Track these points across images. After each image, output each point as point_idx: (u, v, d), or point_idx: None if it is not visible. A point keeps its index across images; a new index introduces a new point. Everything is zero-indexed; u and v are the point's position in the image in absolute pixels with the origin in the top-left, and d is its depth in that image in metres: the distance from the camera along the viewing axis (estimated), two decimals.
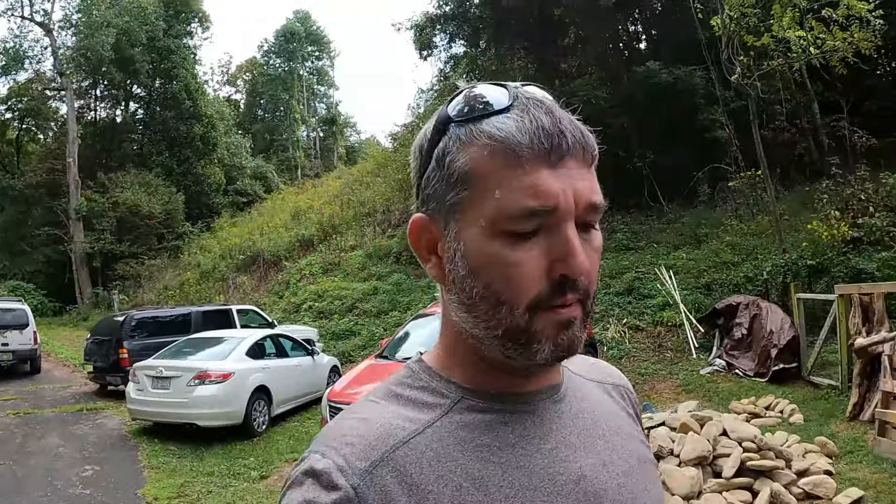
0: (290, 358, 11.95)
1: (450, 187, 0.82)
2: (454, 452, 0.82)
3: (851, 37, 12.15)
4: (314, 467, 0.79)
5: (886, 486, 5.75)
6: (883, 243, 13.65)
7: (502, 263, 0.80)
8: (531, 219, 0.78)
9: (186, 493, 7.51)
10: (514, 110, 0.80)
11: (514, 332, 0.81)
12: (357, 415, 0.87)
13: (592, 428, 0.94)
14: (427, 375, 0.90)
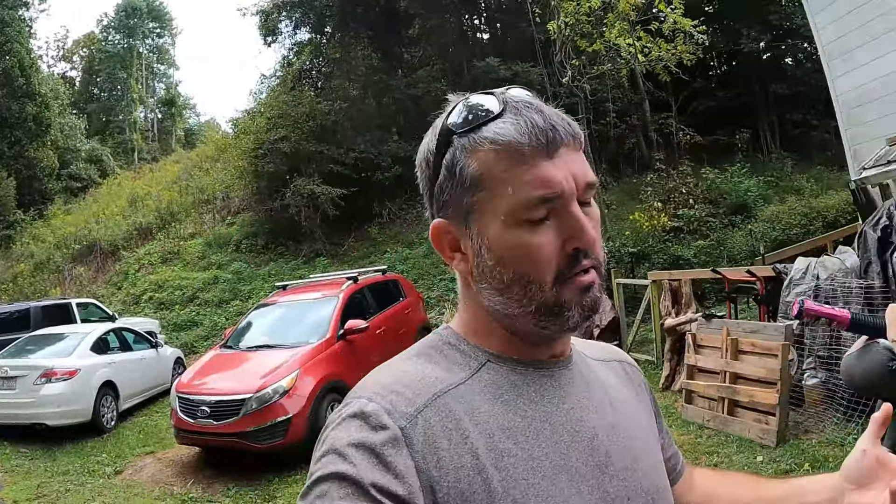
0: (134, 351, 11.86)
1: (465, 192, 0.92)
2: (486, 405, 0.91)
3: (675, 49, 13.37)
4: (363, 409, 0.86)
5: (691, 445, 6.64)
6: (700, 232, 15.11)
7: (525, 248, 0.90)
8: (542, 206, 0.89)
9: (44, 493, 7.47)
10: (508, 114, 0.90)
11: (547, 305, 0.92)
12: (396, 368, 0.96)
13: (602, 395, 1.04)
14: (456, 340, 1.00)
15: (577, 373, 1.03)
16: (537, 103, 0.93)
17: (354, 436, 0.83)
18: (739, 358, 6.67)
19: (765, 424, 6.26)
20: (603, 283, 0.97)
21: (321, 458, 0.84)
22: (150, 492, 7.58)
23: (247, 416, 7.59)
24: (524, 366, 0.97)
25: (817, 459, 5.60)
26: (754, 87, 22.72)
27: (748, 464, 5.86)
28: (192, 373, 9.07)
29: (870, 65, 10.53)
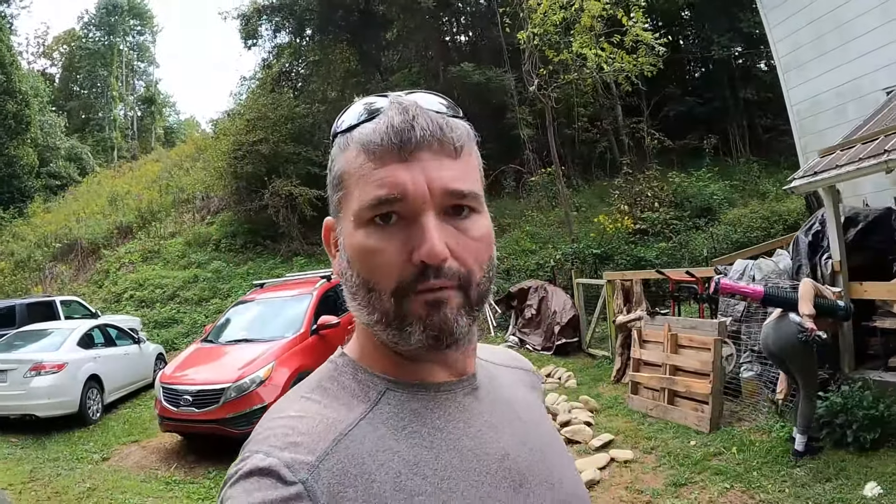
0: (118, 347, 12.20)
1: (334, 189, 0.91)
2: (389, 441, 0.86)
3: (636, 60, 13.94)
4: (259, 466, 0.80)
5: (633, 431, 7.25)
6: (663, 235, 15.55)
7: (365, 251, 0.86)
8: (381, 207, 0.84)
9: (37, 477, 7.85)
10: (379, 116, 0.88)
11: (387, 316, 0.87)
12: (293, 412, 0.88)
13: (509, 411, 1.00)
14: (352, 369, 0.94)
15: (483, 389, 0.99)
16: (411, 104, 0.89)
17: (254, 495, 0.77)
18: (679, 352, 7.31)
19: (700, 412, 6.87)
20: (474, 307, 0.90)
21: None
22: (135, 476, 8.05)
23: (226, 404, 8.12)
24: (425, 390, 0.93)
25: (745, 444, 6.22)
26: (726, 93, 23.41)
27: (682, 448, 6.48)
28: (175, 365, 9.52)
29: (822, 77, 11.15)
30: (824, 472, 5.40)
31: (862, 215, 7.74)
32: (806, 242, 7.39)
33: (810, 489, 5.16)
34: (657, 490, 5.64)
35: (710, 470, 5.83)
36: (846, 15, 10.40)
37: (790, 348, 5.70)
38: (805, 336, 5.47)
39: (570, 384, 9.49)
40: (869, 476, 5.13)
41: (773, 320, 5.98)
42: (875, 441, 5.56)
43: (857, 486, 5.05)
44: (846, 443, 5.68)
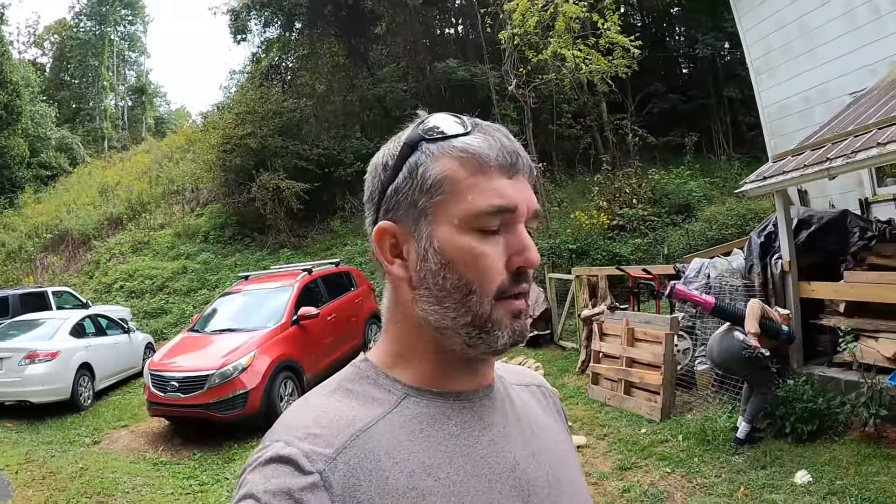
0: (108, 336, 12.67)
1: (423, 194, 0.92)
2: (406, 442, 0.89)
3: (611, 62, 14.30)
4: (280, 454, 0.83)
5: (590, 419, 7.73)
6: (640, 231, 15.82)
7: (473, 255, 0.90)
8: (497, 216, 0.90)
9: (32, 459, 8.28)
10: (477, 132, 0.94)
11: (481, 319, 0.91)
12: (314, 407, 0.92)
13: (522, 423, 1.03)
14: (374, 373, 0.97)
15: (498, 400, 1.03)
16: (505, 131, 0.97)
17: (272, 482, 0.81)
18: (635, 345, 7.77)
19: (653, 402, 7.33)
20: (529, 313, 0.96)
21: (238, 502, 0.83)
22: (125, 457, 8.53)
23: (210, 389, 8.63)
24: (444, 398, 0.96)
25: (691, 432, 6.68)
26: (710, 91, 23.75)
27: (632, 435, 6.95)
28: (163, 353, 10.04)
29: (791, 80, 11.46)
30: (761, 459, 5.84)
31: (816, 217, 8.09)
32: (758, 243, 7.80)
33: (745, 475, 5.60)
34: (604, 473, 6.11)
35: (656, 456, 6.30)
36: (814, 22, 10.70)
37: (733, 362, 6.17)
38: (749, 353, 5.94)
39: (538, 374, 9.92)
40: (802, 465, 5.55)
41: (719, 334, 6.43)
42: (812, 433, 5.98)
43: (789, 473, 5.47)
44: (785, 433, 6.10)
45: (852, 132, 6.81)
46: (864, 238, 7.77)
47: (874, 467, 5.29)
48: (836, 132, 7.29)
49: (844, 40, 10.13)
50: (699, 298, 6.65)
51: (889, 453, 5.45)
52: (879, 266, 6.86)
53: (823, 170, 6.54)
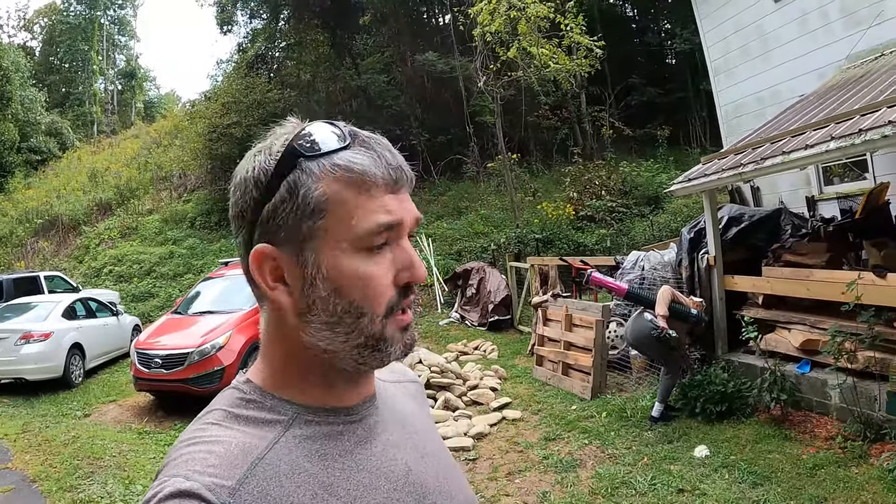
0: (98, 318, 13.45)
1: (306, 217, 0.88)
2: (304, 463, 0.89)
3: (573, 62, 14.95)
4: (180, 488, 0.79)
5: (530, 396, 8.57)
6: (605, 222, 16.51)
7: (363, 278, 0.89)
8: (384, 233, 0.90)
9: (29, 429, 9.06)
10: (357, 146, 0.91)
11: (373, 338, 0.92)
12: (207, 440, 0.88)
13: (406, 427, 1.07)
14: (259, 396, 0.95)
15: (382, 409, 1.05)
16: (386, 143, 0.95)
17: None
18: (572, 330, 8.52)
19: (585, 382, 8.13)
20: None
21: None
22: (113, 428, 9.33)
23: (190, 365, 9.52)
24: (334, 415, 0.97)
25: (614, 410, 7.50)
26: (688, 84, 24.37)
27: (563, 411, 7.79)
28: (148, 333, 10.89)
29: (746, 81, 12.07)
30: (669, 435, 6.60)
31: (747, 215, 8.76)
32: (687, 238, 8.50)
33: (652, 448, 6.38)
34: (531, 443, 6.92)
35: (578, 429, 7.11)
36: (769, 25, 11.26)
37: (644, 340, 6.93)
38: (657, 333, 6.69)
39: (493, 356, 10.80)
40: (704, 441, 6.28)
41: (633, 317, 7.18)
42: (721, 413, 6.71)
43: (691, 448, 6.20)
44: (696, 413, 6.86)
45: (770, 139, 7.42)
46: (796, 235, 8.51)
47: (770, 446, 5.98)
48: (762, 137, 7.90)
49: (796, 44, 10.70)
50: (613, 284, 7.39)
51: (787, 434, 6.15)
52: (794, 263, 7.43)
53: (737, 174, 7.26)
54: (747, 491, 5.20)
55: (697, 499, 5.19)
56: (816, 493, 4.96)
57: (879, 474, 5.02)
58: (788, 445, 5.93)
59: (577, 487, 5.72)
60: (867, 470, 5.18)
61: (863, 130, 5.68)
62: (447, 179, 22.66)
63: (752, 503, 4.99)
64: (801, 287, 6.97)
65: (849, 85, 8.19)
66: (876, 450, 5.39)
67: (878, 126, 5.54)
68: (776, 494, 5.06)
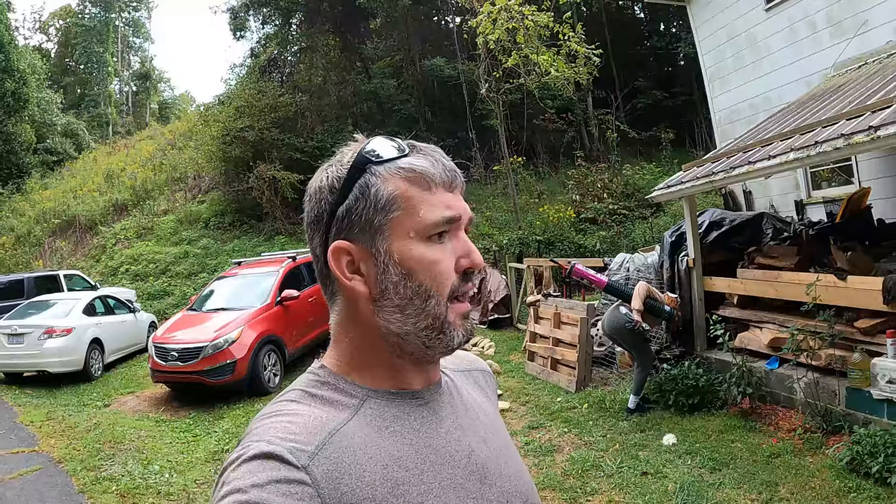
0: (116, 315, 14.11)
1: (377, 212, 1.00)
2: (376, 438, 0.97)
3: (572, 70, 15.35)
4: (264, 451, 0.87)
5: (520, 389, 9.10)
6: (606, 224, 16.87)
7: (429, 262, 1.00)
8: (446, 224, 1.01)
9: (53, 417, 9.79)
10: (416, 153, 1.04)
11: (438, 321, 1.01)
12: (287, 412, 0.96)
13: (470, 412, 1.15)
14: (333, 379, 1.04)
15: (447, 394, 1.12)
16: (441, 152, 1.06)
17: (259, 475, 0.84)
18: (560, 327, 9.05)
19: (571, 376, 8.65)
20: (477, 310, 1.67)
21: (223, 499, 0.83)
22: (131, 416, 9.99)
23: (204, 358, 10.16)
24: (401, 398, 1.04)
25: (595, 401, 8.01)
26: (693, 87, 24.65)
27: (548, 402, 8.33)
28: (165, 328, 11.60)
29: (739, 88, 12.38)
30: (643, 425, 7.10)
31: (728, 219, 9.15)
32: (669, 242, 8.98)
33: (625, 436, 6.88)
34: (515, 431, 7.46)
35: (561, 419, 7.65)
36: (759, 35, 11.59)
37: (619, 332, 7.43)
38: (631, 325, 7.21)
39: (490, 352, 11.34)
40: (674, 430, 6.76)
41: (610, 309, 7.69)
42: (693, 405, 7.19)
43: (661, 436, 6.69)
44: (669, 405, 7.34)
45: (743, 148, 7.82)
46: (777, 238, 8.90)
47: (734, 436, 6.44)
48: (737, 147, 8.27)
49: (786, 53, 11.02)
50: (594, 277, 7.87)
51: (753, 426, 6.60)
52: (765, 265, 7.83)
53: (709, 182, 7.70)
54: (705, 475, 5.68)
55: (659, 481, 5.70)
56: (768, 479, 5.41)
57: (830, 463, 5.45)
58: (752, 436, 6.38)
59: (552, 469, 6.27)
60: (821, 459, 5.60)
61: (818, 143, 6.07)
62: None
63: (708, 486, 5.46)
64: (770, 288, 7.39)
65: (826, 95, 8.48)
66: (833, 441, 5.78)
67: (832, 139, 5.94)
68: (731, 479, 5.53)
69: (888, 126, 5.40)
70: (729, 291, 8.24)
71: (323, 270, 1.06)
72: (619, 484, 5.76)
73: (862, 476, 5.10)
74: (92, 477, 7.10)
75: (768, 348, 7.27)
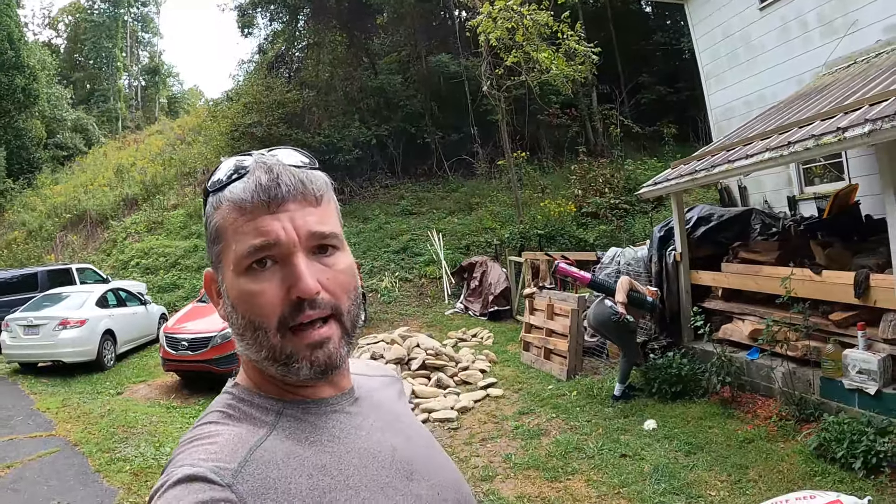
0: (128, 307, 14.56)
1: (212, 244, 1.01)
2: (297, 449, 0.96)
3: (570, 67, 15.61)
4: (188, 474, 0.86)
5: (514, 378, 9.53)
6: (607, 218, 17.09)
7: (248, 294, 0.97)
8: (257, 253, 0.96)
9: (68, 404, 10.25)
10: (253, 171, 0.99)
11: (274, 352, 0.98)
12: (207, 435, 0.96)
13: (388, 413, 1.15)
14: (248, 395, 1.03)
15: (363, 399, 1.12)
16: (276, 163, 1.00)
17: (186, 499, 0.82)
18: (553, 318, 9.42)
19: (562, 365, 9.03)
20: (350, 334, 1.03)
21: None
22: (143, 403, 10.42)
23: (213, 347, 10.62)
24: (316, 406, 1.04)
25: (583, 388, 8.44)
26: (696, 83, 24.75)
27: (540, 390, 8.74)
28: (176, 319, 12.04)
29: (734, 86, 12.57)
30: (627, 412, 7.48)
31: (717, 215, 9.45)
32: (657, 237, 9.29)
33: (610, 421, 7.26)
34: (507, 415, 7.89)
35: (549, 405, 8.06)
36: (753, 34, 11.79)
37: (605, 324, 7.80)
38: (616, 318, 7.57)
39: (488, 342, 11.77)
40: (655, 416, 7.11)
41: (595, 303, 8.04)
42: (675, 393, 7.56)
43: (642, 422, 7.06)
44: (653, 393, 7.72)
45: (726, 146, 8.13)
46: (765, 234, 9.19)
47: (712, 422, 6.78)
48: (724, 144, 8.53)
49: (779, 51, 11.21)
50: (578, 274, 8.21)
51: (732, 413, 6.94)
52: (748, 260, 8.11)
53: (691, 179, 8.02)
54: (680, 458, 6.04)
55: (636, 462, 6.08)
56: (740, 462, 5.75)
57: (800, 448, 5.78)
58: (729, 422, 6.72)
59: (537, 451, 6.67)
60: (792, 445, 5.93)
61: (791, 143, 6.39)
62: (460, 176, 23.34)
63: (682, 467, 5.82)
64: (752, 281, 7.69)
65: (813, 94, 8.69)
66: (805, 428, 6.10)
67: (804, 140, 6.24)
68: (704, 461, 5.88)
69: (854, 128, 5.68)
70: (714, 284, 8.51)
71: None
72: (599, 465, 6.14)
73: (828, 461, 5.41)
74: (107, 458, 7.56)
75: (749, 339, 7.55)
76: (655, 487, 5.46)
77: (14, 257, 24.29)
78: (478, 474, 6.25)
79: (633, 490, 5.51)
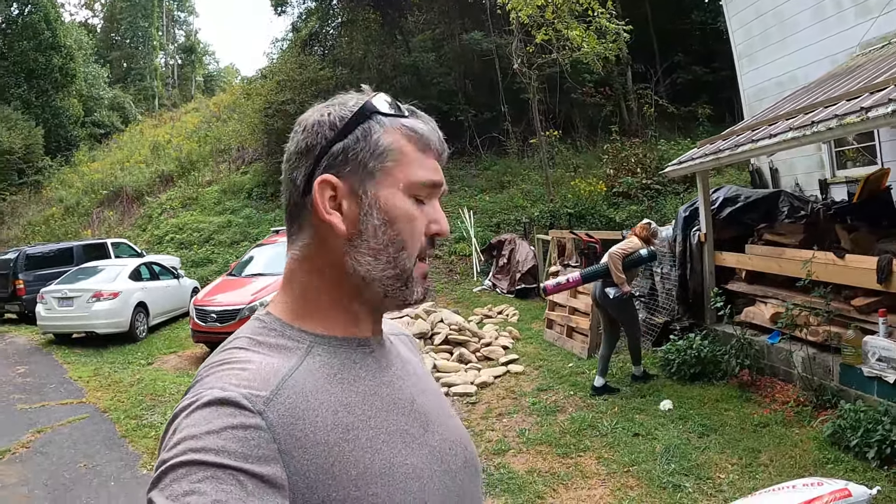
0: (161, 281, 14.89)
1: (373, 157, 1.03)
2: (325, 384, 0.98)
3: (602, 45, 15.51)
4: (219, 397, 0.86)
5: (536, 355, 9.60)
6: (637, 198, 17.05)
7: (410, 216, 1.05)
8: (430, 189, 1.08)
9: (100, 373, 10.60)
10: (416, 118, 1.10)
11: (404, 274, 1.05)
12: (238, 360, 0.95)
13: (408, 366, 1.18)
14: (280, 326, 1.04)
15: (388, 347, 1.16)
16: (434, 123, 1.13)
17: (214, 422, 0.83)
18: (576, 296, 9.45)
19: (583, 343, 9.07)
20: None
21: (176, 446, 0.82)
22: (172, 373, 10.71)
23: (241, 320, 10.64)
24: (347, 344, 1.06)
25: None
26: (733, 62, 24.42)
27: (560, 367, 8.81)
28: (206, 292, 12.32)
29: (767, 66, 12.34)
30: (645, 391, 7.51)
31: (743, 196, 9.38)
32: (682, 217, 9.23)
33: (627, 400, 7.30)
34: (525, 392, 7.98)
35: (568, 383, 8.13)
36: (786, 12, 11.55)
37: (610, 304, 7.71)
38: (624, 297, 7.52)
39: (513, 319, 11.84)
40: (672, 397, 7.13)
41: (598, 290, 7.90)
42: (694, 375, 7.56)
43: (659, 402, 7.08)
44: (672, 374, 7.75)
45: (751, 126, 8.04)
46: (793, 217, 9.10)
47: (729, 405, 6.78)
48: (751, 124, 8.43)
49: (812, 31, 10.94)
50: (569, 284, 7.96)
51: (750, 396, 6.93)
52: (772, 242, 8.06)
53: (715, 158, 7.94)
54: (693, 439, 6.06)
55: (649, 442, 6.12)
56: (752, 446, 5.75)
57: (815, 435, 5.75)
58: (746, 406, 6.71)
59: (552, 427, 6.75)
60: (807, 431, 5.90)
61: (814, 122, 6.29)
62: (493, 154, 23.26)
63: (694, 448, 5.85)
64: (775, 264, 7.61)
65: (844, 75, 8.51)
66: (822, 415, 6.04)
67: (827, 119, 6.14)
68: (717, 443, 5.90)
69: (878, 108, 5.58)
70: (738, 266, 8.45)
71: (298, 201, 1.08)
72: (611, 443, 6.20)
73: (842, 449, 5.38)
74: (133, 424, 7.82)
75: (770, 322, 7.48)
76: (665, 467, 5.50)
77: (52, 233, 24.80)
78: (491, 448, 6.35)
79: (643, 469, 5.56)
